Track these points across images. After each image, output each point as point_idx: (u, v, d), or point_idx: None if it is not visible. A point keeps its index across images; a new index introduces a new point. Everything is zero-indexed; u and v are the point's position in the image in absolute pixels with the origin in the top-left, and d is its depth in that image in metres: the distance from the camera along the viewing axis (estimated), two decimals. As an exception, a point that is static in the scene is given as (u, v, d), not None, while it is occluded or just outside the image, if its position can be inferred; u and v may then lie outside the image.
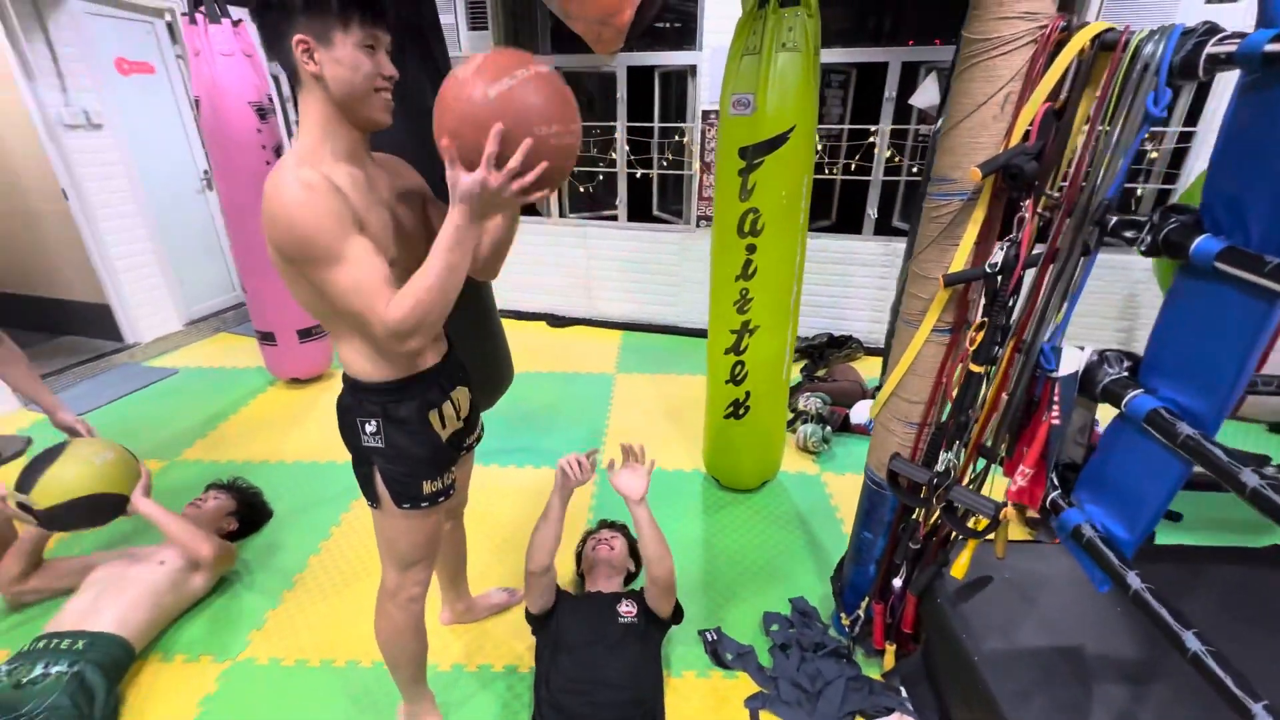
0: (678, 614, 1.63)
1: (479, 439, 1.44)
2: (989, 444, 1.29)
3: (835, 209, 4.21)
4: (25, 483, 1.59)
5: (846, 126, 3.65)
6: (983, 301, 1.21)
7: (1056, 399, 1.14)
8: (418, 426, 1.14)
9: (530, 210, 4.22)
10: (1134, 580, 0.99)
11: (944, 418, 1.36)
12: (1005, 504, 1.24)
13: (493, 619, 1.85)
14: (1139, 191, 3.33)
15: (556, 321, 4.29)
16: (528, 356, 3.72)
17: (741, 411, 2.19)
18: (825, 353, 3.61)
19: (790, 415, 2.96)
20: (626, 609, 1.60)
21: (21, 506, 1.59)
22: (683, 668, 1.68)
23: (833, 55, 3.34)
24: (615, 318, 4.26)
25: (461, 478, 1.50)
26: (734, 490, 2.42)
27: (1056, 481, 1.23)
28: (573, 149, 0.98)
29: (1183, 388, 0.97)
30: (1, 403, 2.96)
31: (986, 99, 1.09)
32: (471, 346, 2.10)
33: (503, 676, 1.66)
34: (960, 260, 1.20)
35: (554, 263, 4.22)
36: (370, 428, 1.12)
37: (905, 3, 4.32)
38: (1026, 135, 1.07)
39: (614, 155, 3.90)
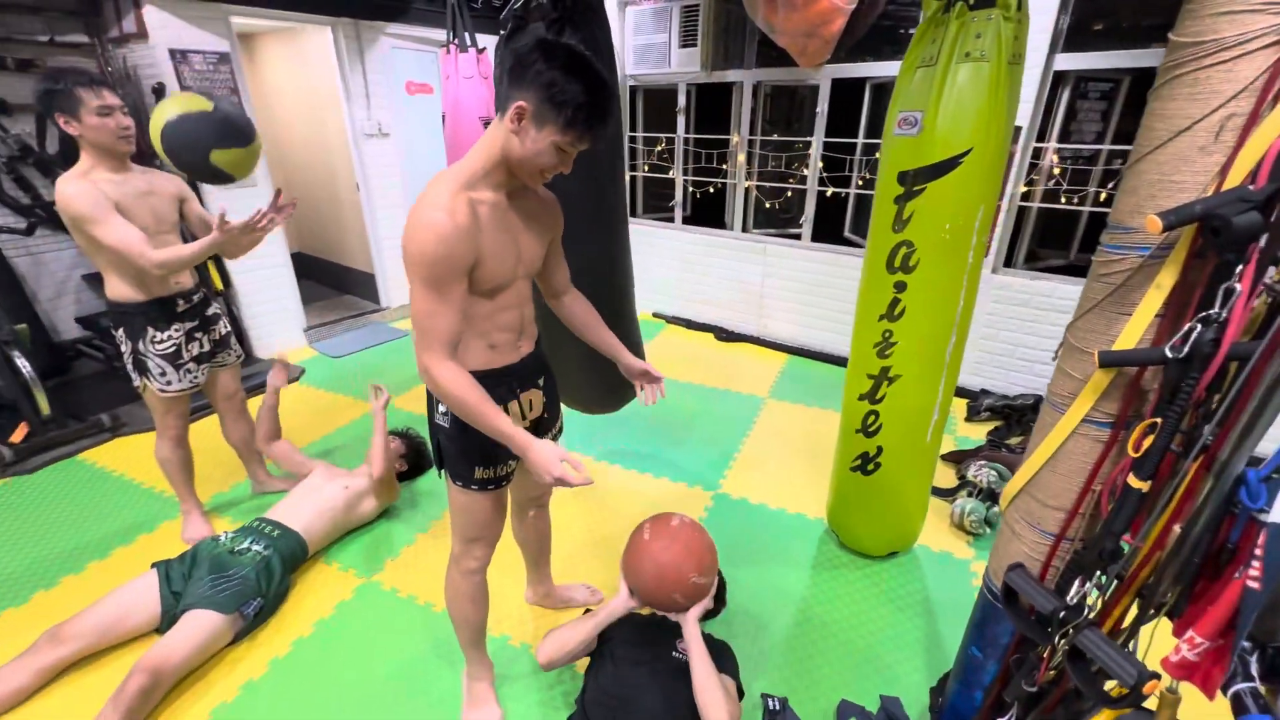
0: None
1: (554, 437, 1.51)
2: (1152, 587, 0.95)
3: (1076, 247, 3.44)
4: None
5: (1105, 148, 2.96)
6: (1159, 395, 0.89)
7: (1260, 551, 0.80)
8: None
9: (714, 223, 4.25)
10: None
11: (1090, 535, 1.04)
12: (1158, 675, 0.90)
13: (575, 612, 1.92)
14: None
15: (724, 335, 4.25)
16: (684, 366, 3.76)
17: (870, 467, 1.93)
18: (1026, 417, 2.99)
19: (956, 482, 2.53)
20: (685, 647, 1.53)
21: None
22: (732, 727, 1.55)
23: (1092, 60, 2.73)
24: (783, 340, 4.07)
25: None
26: (854, 552, 2.15)
27: (1255, 669, 0.86)
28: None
29: None
30: (291, 340, 3.96)
31: (1192, 123, 0.80)
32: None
33: (559, 670, 1.71)
34: (1132, 336, 0.90)
35: (730, 277, 4.19)
36: (441, 407, 1.25)
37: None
38: (1254, 176, 0.76)
39: (805, 171, 3.72)
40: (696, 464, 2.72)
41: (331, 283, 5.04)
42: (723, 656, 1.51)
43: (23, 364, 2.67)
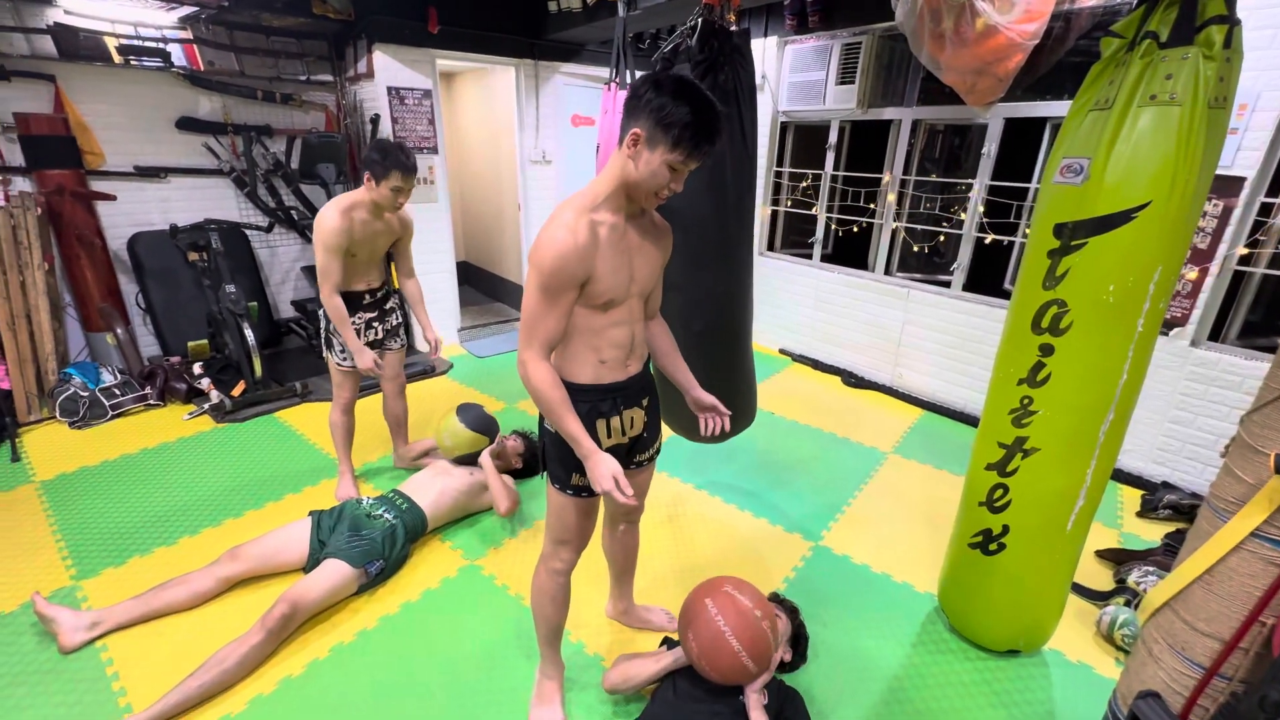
0: None
1: (651, 459, 1.56)
2: (1336, 762, 0.75)
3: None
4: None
5: (1371, 206, 2.38)
6: (1361, 519, 0.71)
7: None
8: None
9: (855, 263, 4.07)
10: None
11: (1253, 677, 0.84)
12: None
13: (649, 634, 1.93)
14: None
15: (852, 381, 4.03)
16: (805, 407, 3.62)
17: (992, 547, 1.72)
18: (1222, 525, 2.45)
19: (1112, 586, 2.15)
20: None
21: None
22: (792, 796, 1.46)
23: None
24: (918, 393, 3.76)
25: (634, 488, 1.63)
26: (966, 640, 1.91)
27: None
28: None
29: None
30: (445, 338, 4.46)
31: None
32: (718, 382, 2.22)
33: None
34: (1327, 440, 0.74)
35: (865, 320, 3.97)
36: None
37: None
38: None
39: (963, 215, 3.44)
40: (800, 511, 2.60)
41: (487, 290, 5.62)
42: (792, 702, 1.47)
43: (249, 334, 3.31)
